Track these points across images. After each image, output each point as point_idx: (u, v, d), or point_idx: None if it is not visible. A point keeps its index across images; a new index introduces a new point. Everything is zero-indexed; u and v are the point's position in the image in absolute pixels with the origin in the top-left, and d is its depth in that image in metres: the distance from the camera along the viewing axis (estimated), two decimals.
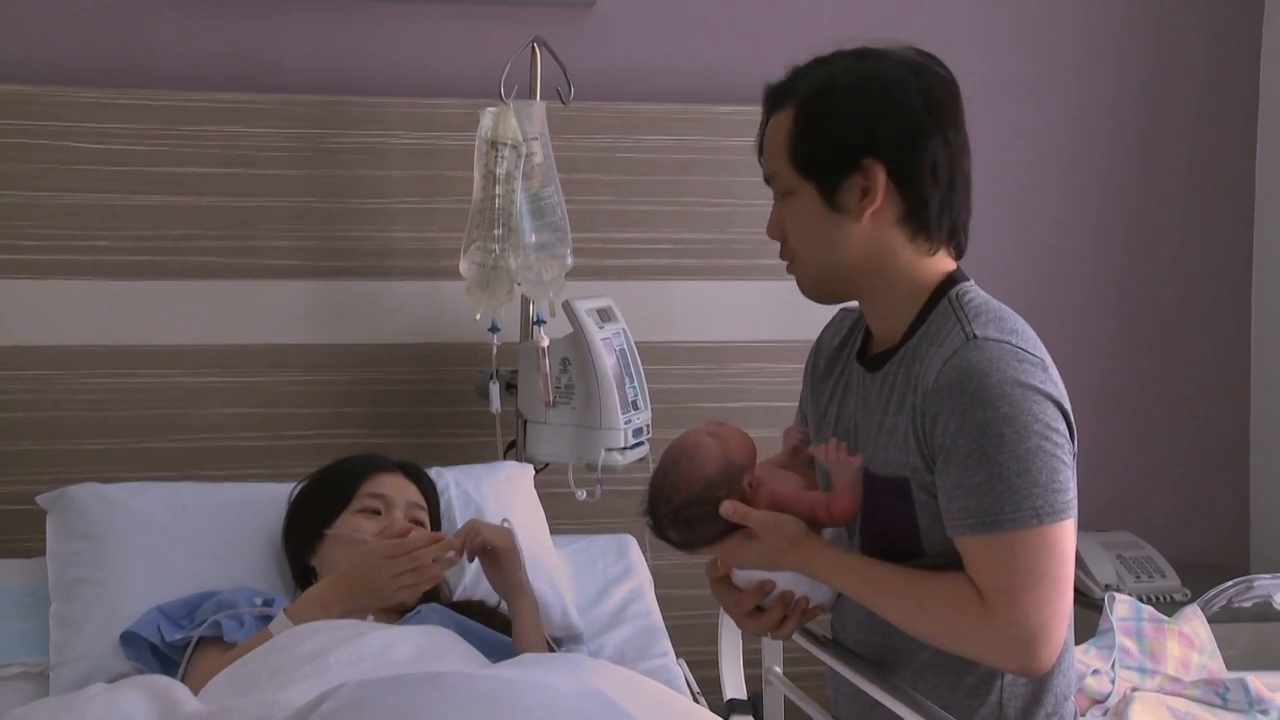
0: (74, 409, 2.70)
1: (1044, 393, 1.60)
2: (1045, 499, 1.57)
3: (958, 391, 1.60)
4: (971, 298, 1.71)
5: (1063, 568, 1.59)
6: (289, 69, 2.86)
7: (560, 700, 1.37)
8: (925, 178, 1.69)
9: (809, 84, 1.72)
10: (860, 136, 1.68)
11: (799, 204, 1.72)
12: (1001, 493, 1.57)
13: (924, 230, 1.72)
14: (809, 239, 1.73)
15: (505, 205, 2.53)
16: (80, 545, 2.26)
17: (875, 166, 1.67)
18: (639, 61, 2.99)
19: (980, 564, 1.60)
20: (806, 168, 1.70)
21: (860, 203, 1.68)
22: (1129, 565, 3.01)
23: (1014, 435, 1.57)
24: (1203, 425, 3.38)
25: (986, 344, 1.62)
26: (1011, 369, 1.59)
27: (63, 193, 2.68)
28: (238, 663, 1.87)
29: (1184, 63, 3.31)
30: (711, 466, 1.73)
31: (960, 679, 1.70)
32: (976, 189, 3.30)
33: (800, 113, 1.71)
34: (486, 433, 2.74)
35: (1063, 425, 1.61)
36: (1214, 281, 3.36)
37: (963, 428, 1.59)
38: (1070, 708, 1.76)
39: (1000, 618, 1.58)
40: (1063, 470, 1.59)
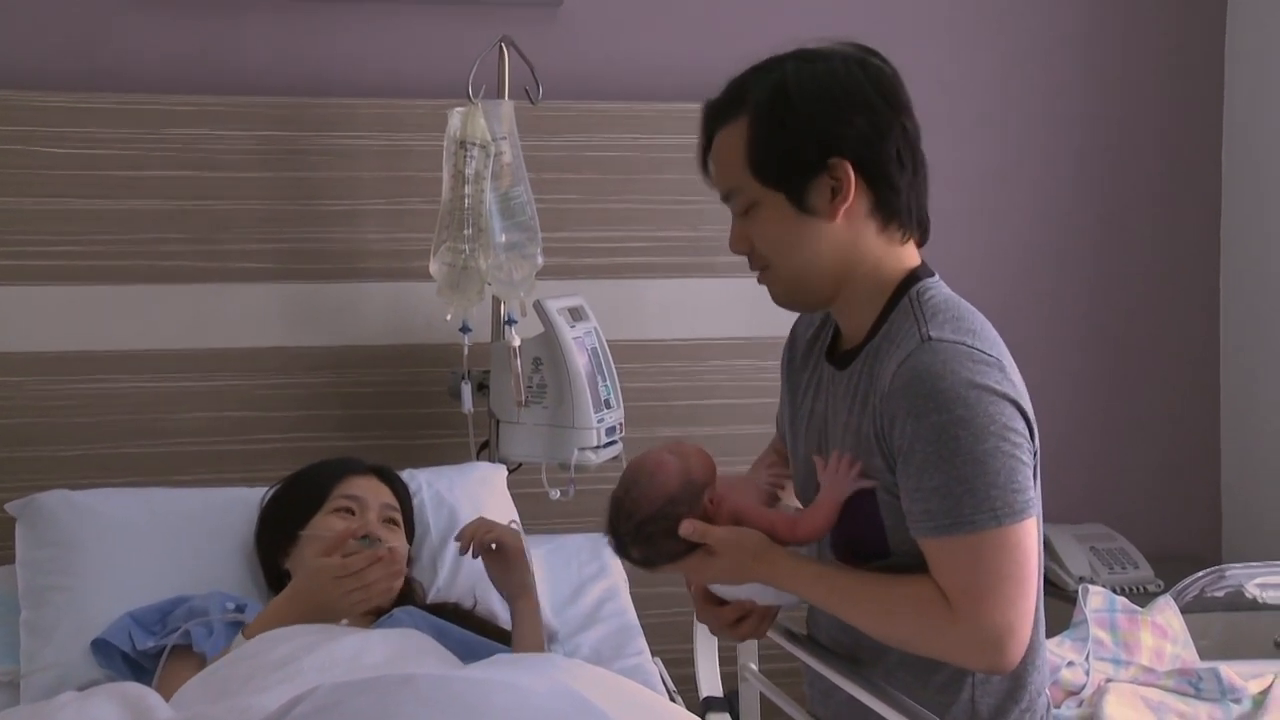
0: (43, 415, 2.68)
1: (999, 393, 1.59)
2: (1004, 500, 1.57)
3: (912, 394, 1.60)
4: (931, 295, 1.71)
5: (1025, 567, 1.59)
6: (256, 71, 2.85)
7: (534, 700, 1.37)
8: (893, 167, 1.69)
9: (760, 93, 1.69)
10: (825, 137, 1.66)
11: (767, 214, 1.70)
12: (960, 495, 1.57)
13: (895, 218, 1.71)
14: (783, 246, 1.71)
15: (475, 205, 2.52)
16: (50, 552, 2.24)
17: (843, 164, 1.66)
18: (607, 60, 2.99)
19: (943, 566, 1.61)
20: (771, 177, 1.68)
21: (832, 202, 1.67)
22: (1102, 557, 3.02)
23: (970, 437, 1.56)
24: (1174, 417, 3.39)
25: (941, 345, 1.61)
26: (966, 370, 1.59)
27: (29, 198, 2.65)
28: (209, 669, 1.86)
29: (1151, 55, 3.33)
30: (673, 483, 1.73)
31: (930, 676, 1.70)
32: (947, 184, 3.31)
33: (757, 123, 1.69)
34: (459, 433, 2.73)
35: (1021, 424, 1.61)
36: (1184, 276, 3.38)
37: (919, 431, 1.59)
38: (1044, 702, 1.77)
39: (966, 620, 1.58)
40: (1021, 470, 1.59)
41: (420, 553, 2.35)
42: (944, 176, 3.20)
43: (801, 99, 1.67)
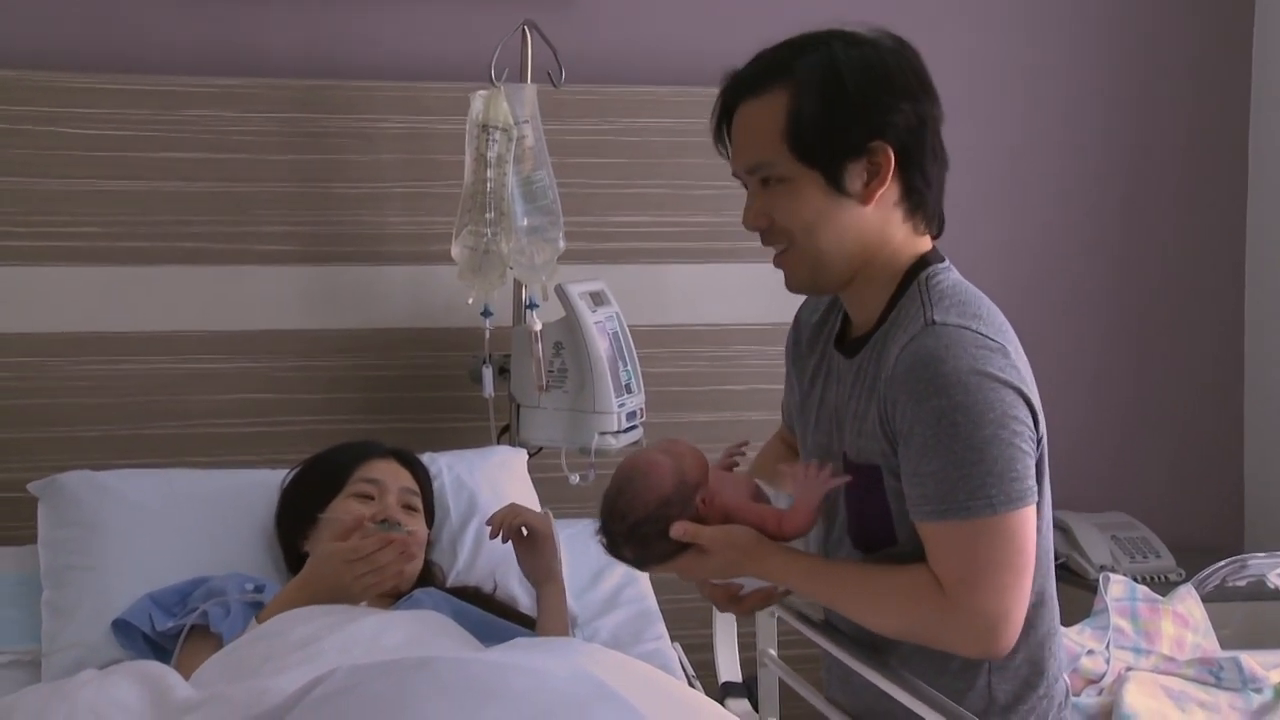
0: (65, 396, 2.69)
1: (1001, 379, 1.58)
2: (1001, 488, 1.57)
3: (914, 378, 1.59)
4: (939, 281, 1.70)
5: (1021, 555, 1.59)
6: (278, 53, 2.85)
7: (552, 684, 1.37)
8: (929, 157, 1.69)
9: (809, 69, 1.67)
10: (873, 120, 1.65)
11: (798, 192, 1.68)
12: (956, 481, 1.57)
13: (921, 208, 1.71)
14: (812, 225, 1.69)
15: (497, 189, 2.52)
16: (72, 532, 2.25)
17: (885, 149, 1.65)
18: (630, 44, 2.98)
19: (938, 552, 1.60)
20: (811, 154, 1.66)
21: (867, 186, 1.67)
22: (1123, 546, 3.01)
23: (969, 424, 1.56)
24: (1197, 406, 3.38)
25: (945, 330, 1.61)
26: (968, 356, 1.58)
27: (52, 179, 2.66)
28: (228, 649, 1.87)
29: (1177, 45, 3.31)
30: (666, 486, 1.72)
31: (947, 663, 1.70)
32: (971, 172, 3.31)
33: (804, 98, 1.65)
34: (480, 417, 2.73)
35: (1023, 412, 1.60)
36: (1208, 263, 3.36)
37: (919, 415, 1.58)
38: (1062, 688, 1.77)
39: (960, 606, 1.58)
40: (1020, 458, 1.58)
41: (440, 536, 2.35)
42: (965, 163, 3.20)
43: (854, 80, 1.65)
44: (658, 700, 1.45)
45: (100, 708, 1.66)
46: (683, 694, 1.58)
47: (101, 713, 1.65)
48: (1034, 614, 1.69)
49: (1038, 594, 1.69)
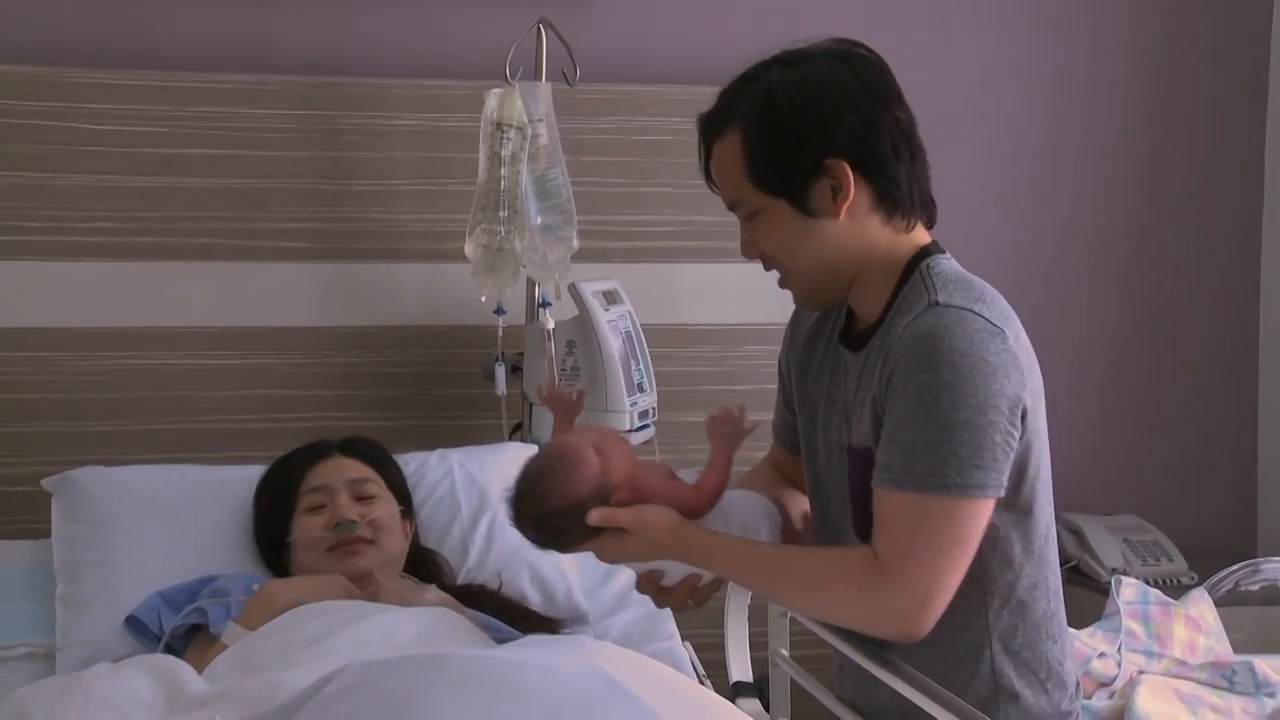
0: (79, 391, 2.70)
1: (994, 365, 1.58)
2: (961, 472, 1.57)
3: (910, 353, 1.61)
4: (941, 268, 1.71)
5: (961, 544, 1.59)
6: (292, 50, 2.85)
7: (564, 681, 1.37)
8: (889, 159, 1.70)
9: (748, 103, 1.71)
10: (817, 140, 1.68)
11: (773, 220, 1.72)
12: (921, 455, 1.58)
13: (899, 208, 1.73)
14: (793, 250, 1.74)
15: (511, 187, 2.52)
16: (85, 528, 2.26)
17: (839, 164, 1.68)
18: (645, 43, 2.98)
19: (886, 520, 1.61)
20: (771, 185, 1.70)
21: (834, 202, 1.69)
22: (1135, 549, 3.00)
23: (949, 403, 1.57)
24: (1210, 408, 3.37)
25: (947, 310, 1.62)
26: (964, 337, 1.59)
27: (66, 174, 2.67)
28: (240, 644, 1.87)
29: (1193, 45, 3.30)
30: (587, 487, 1.71)
31: (949, 650, 1.70)
32: (986, 173, 3.31)
33: (749, 133, 1.70)
34: (492, 415, 2.73)
35: (1007, 401, 1.59)
36: (1223, 265, 3.35)
37: (905, 387, 1.60)
38: (1069, 673, 1.76)
39: (891, 581, 1.59)
40: (991, 447, 1.58)
41: (451, 533, 2.35)
42: (981, 164, 3.22)
43: (790, 106, 1.69)
44: (669, 698, 1.45)
45: (114, 701, 1.67)
46: (694, 692, 1.58)
47: (115, 706, 1.66)
48: (1028, 597, 1.70)
49: (1034, 581, 1.70)
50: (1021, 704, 1.71)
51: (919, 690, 1.60)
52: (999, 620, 1.70)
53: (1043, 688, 1.72)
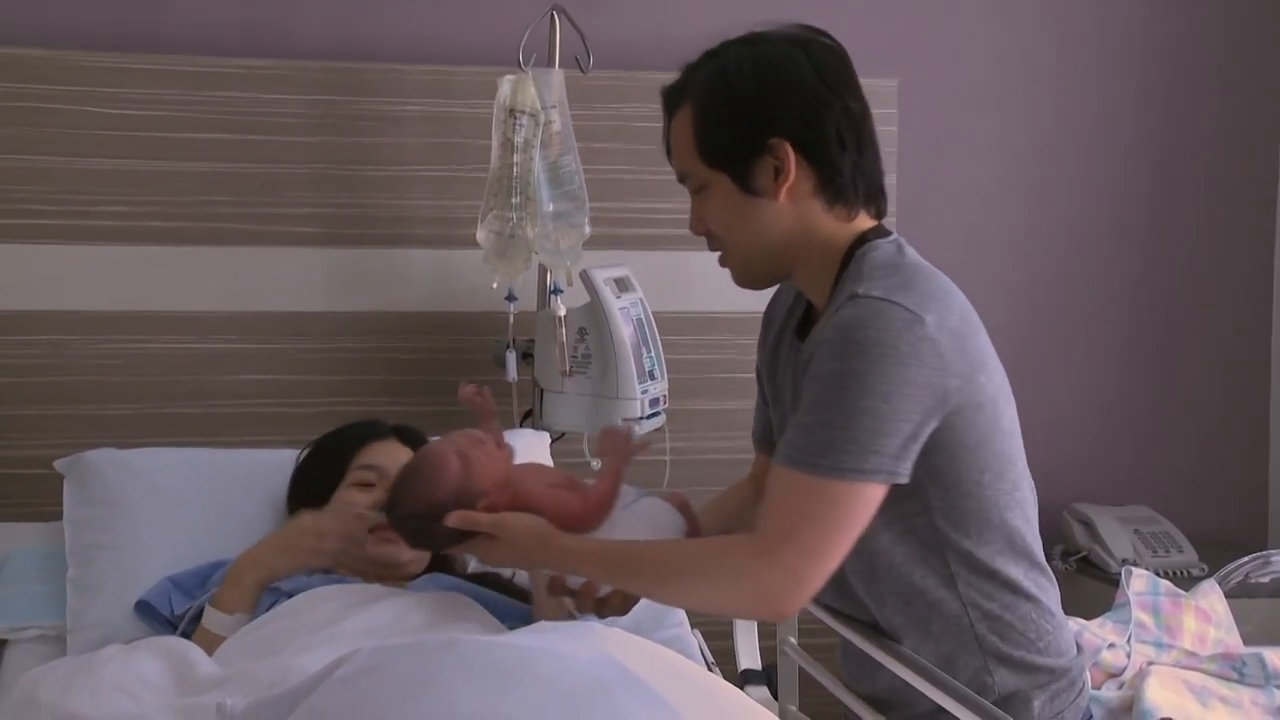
0: (92, 374, 2.71)
1: (906, 353, 1.59)
2: (856, 458, 1.58)
3: (825, 344, 1.63)
4: (872, 255, 1.71)
5: (840, 530, 1.61)
6: (306, 35, 2.85)
7: (575, 667, 1.38)
8: (833, 146, 1.72)
9: (702, 78, 1.76)
10: (763, 118, 1.71)
11: (716, 195, 1.76)
12: (819, 437, 1.60)
13: (841, 197, 1.74)
14: (733, 227, 1.77)
15: (523, 174, 2.52)
16: (97, 511, 2.26)
17: (783, 144, 1.70)
18: (659, 30, 2.97)
19: (773, 496, 1.63)
20: (716, 159, 1.74)
21: (775, 182, 1.72)
22: (1146, 540, 3.00)
23: (856, 390, 1.58)
24: (1222, 400, 3.36)
25: (866, 301, 1.63)
26: (878, 327, 1.60)
27: (78, 158, 2.67)
28: (249, 627, 1.87)
29: (1208, 35, 3.29)
30: (443, 491, 1.75)
31: (933, 627, 1.72)
32: (999, 161, 3.30)
33: (699, 107, 1.74)
34: (503, 402, 2.73)
35: (921, 390, 1.59)
36: (1236, 255, 3.34)
37: (818, 374, 1.63)
38: (1058, 628, 1.76)
39: (767, 559, 1.60)
40: (891, 435, 1.59)
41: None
42: (994, 153, 3.21)
43: (740, 82, 1.72)
44: (679, 685, 1.45)
45: (125, 683, 1.67)
46: (703, 679, 1.58)
47: (126, 688, 1.66)
48: (995, 562, 1.70)
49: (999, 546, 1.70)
50: (1013, 665, 1.71)
51: (915, 671, 1.63)
52: (970, 590, 1.70)
53: (1034, 647, 1.72)
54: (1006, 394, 1.72)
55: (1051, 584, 1.78)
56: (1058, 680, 1.74)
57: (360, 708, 1.30)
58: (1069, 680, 1.75)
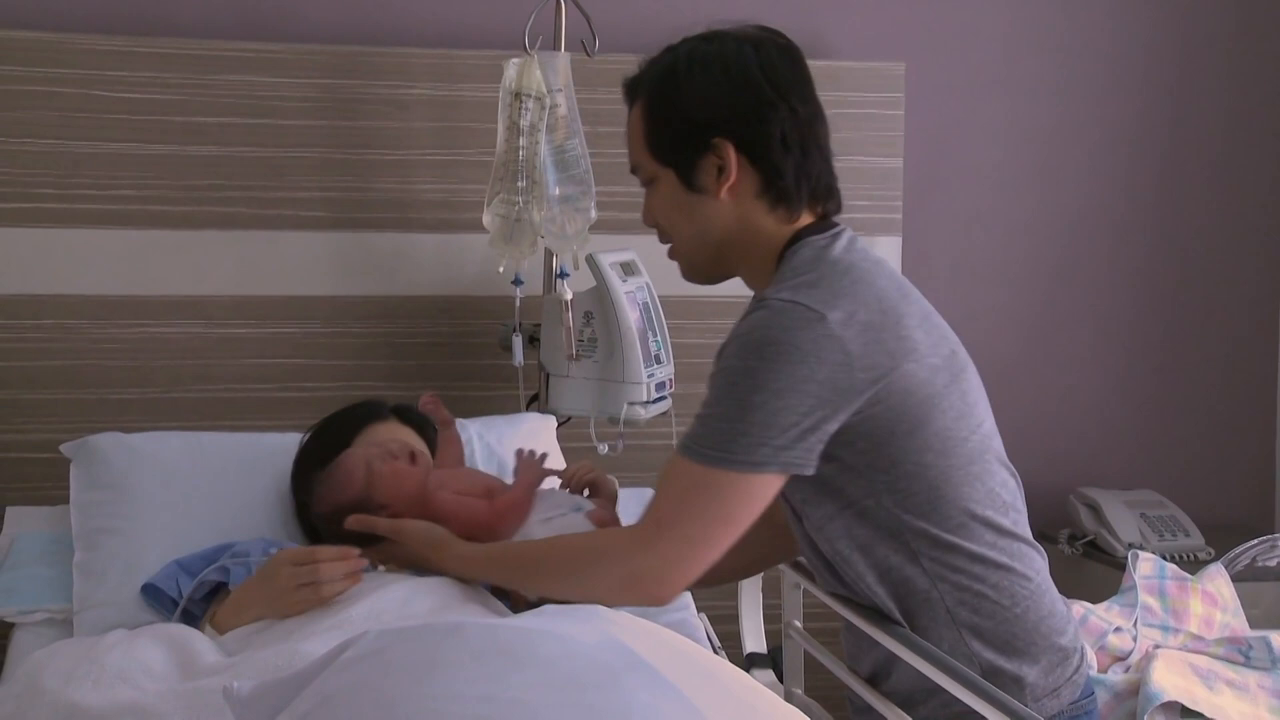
0: (98, 358, 2.71)
1: (805, 350, 1.62)
2: (746, 450, 1.62)
3: (728, 344, 1.70)
4: (797, 256, 1.74)
5: (724, 521, 1.66)
6: (312, 19, 2.85)
7: (581, 651, 1.37)
8: (775, 149, 1.74)
9: (654, 73, 1.79)
10: (707, 116, 1.74)
11: (663, 189, 1.80)
12: (712, 428, 1.65)
13: (784, 199, 1.77)
14: (677, 222, 1.81)
15: (529, 157, 2.51)
16: (103, 495, 2.26)
17: (725, 144, 1.73)
18: (665, 13, 2.96)
19: (662, 483, 1.70)
20: (663, 153, 1.78)
21: (717, 181, 1.75)
22: (1152, 524, 3.00)
23: (748, 385, 1.63)
24: (1228, 383, 3.36)
25: (772, 303, 1.67)
26: (778, 327, 1.64)
27: (85, 141, 2.67)
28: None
29: (1217, 23, 3.28)
30: (344, 497, 1.94)
31: (910, 604, 1.73)
32: (1005, 145, 3.29)
33: (649, 102, 1.78)
34: (509, 386, 2.74)
35: (820, 385, 1.62)
36: (1243, 238, 3.34)
37: (717, 372, 1.69)
38: (1050, 609, 1.76)
39: (648, 544, 1.67)
40: (784, 429, 1.62)
41: None
42: (1001, 137, 3.20)
43: (688, 80, 1.75)
44: (685, 668, 1.45)
45: (128, 672, 1.67)
46: (710, 662, 1.58)
47: (129, 678, 1.66)
48: (957, 536, 1.70)
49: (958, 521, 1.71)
50: (988, 637, 1.71)
51: (921, 657, 1.64)
52: (936, 565, 1.71)
53: (1009, 614, 1.72)
54: (952, 374, 1.73)
55: (1032, 549, 1.78)
56: (1049, 655, 1.73)
57: (366, 690, 1.30)
58: (1061, 654, 1.75)
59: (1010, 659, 1.71)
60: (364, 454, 1.99)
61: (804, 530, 1.79)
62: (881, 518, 1.70)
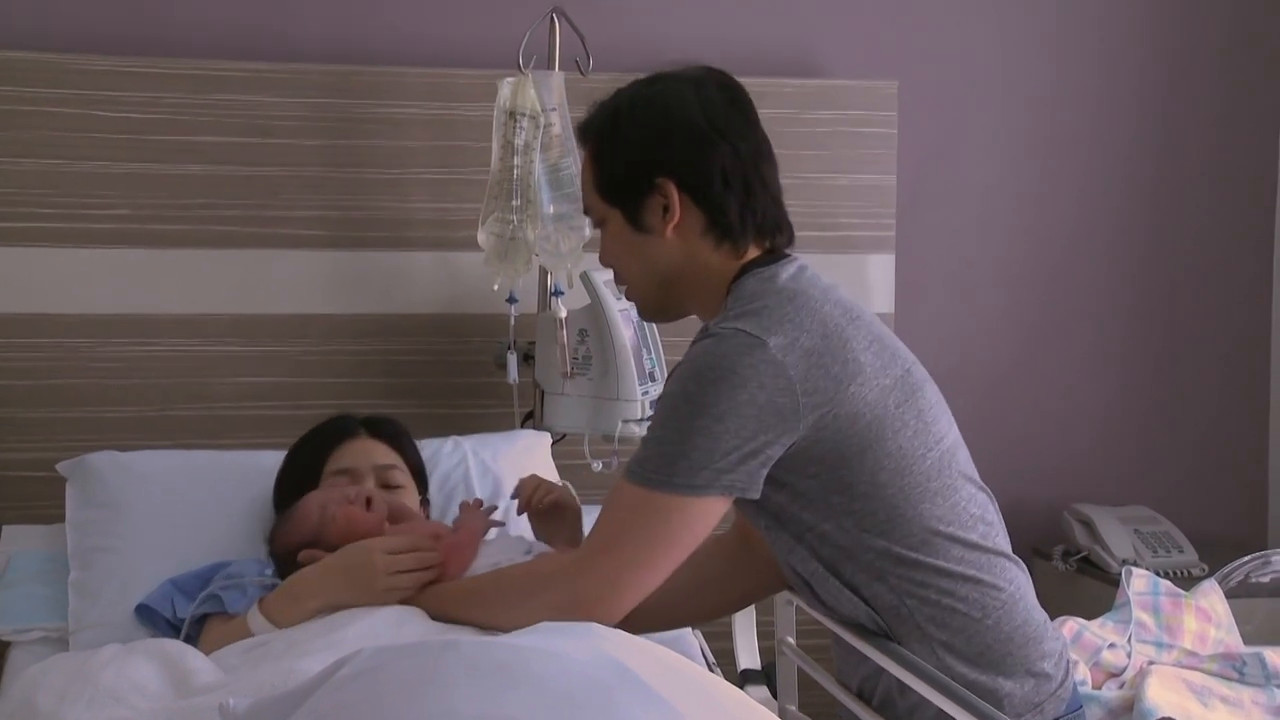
0: (94, 377, 2.72)
1: (744, 376, 1.64)
2: (687, 474, 1.64)
3: (672, 372, 1.73)
4: (743, 288, 1.77)
5: (666, 543, 1.68)
6: (307, 38, 2.86)
7: (575, 668, 1.38)
8: (717, 186, 1.77)
9: (600, 117, 1.82)
10: (649, 157, 1.77)
11: (613, 230, 1.83)
12: (654, 453, 1.67)
13: (729, 236, 1.79)
14: (627, 261, 1.84)
15: (523, 176, 2.53)
16: (98, 513, 2.27)
17: (668, 183, 1.76)
18: (658, 32, 2.98)
19: (605, 508, 1.73)
20: (610, 195, 1.81)
21: (663, 220, 1.77)
22: (1146, 540, 3.00)
23: (689, 410, 1.65)
24: (1221, 399, 3.37)
25: (716, 333, 1.70)
26: (717, 354, 1.66)
27: (82, 161, 2.68)
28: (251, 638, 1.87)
29: (1212, 32, 3.30)
30: (296, 537, 2.01)
31: (889, 622, 1.73)
32: (998, 161, 3.30)
33: (594, 146, 1.83)
34: (504, 403, 2.74)
35: (761, 410, 1.64)
36: (1236, 255, 3.35)
37: (660, 398, 1.71)
38: (1025, 617, 1.76)
39: (585, 567, 1.70)
40: (727, 454, 1.64)
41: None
42: (994, 155, 3.22)
43: (630, 122, 1.79)
44: (679, 685, 1.45)
45: (121, 692, 1.67)
46: (703, 679, 1.58)
47: (122, 697, 1.66)
48: (918, 551, 1.70)
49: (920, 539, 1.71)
50: (959, 651, 1.71)
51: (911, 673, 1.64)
52: (901, 581, 1.71)
53: (980, 626, 1.72)
54: (906, 393, 1.73)
55: (1006, 561, 1.78)
56: (1026, 667, 1.73)
57: (361, 708, 1.30)
58: (1039, 666, 1.74)
59: (985, 672, 1.71)
60: (321, 499, 2.05)
61: (780, 556, 1.81)
62: (842, 540, 1.71)
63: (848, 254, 3.01)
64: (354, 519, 2.00)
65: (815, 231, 2.96)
